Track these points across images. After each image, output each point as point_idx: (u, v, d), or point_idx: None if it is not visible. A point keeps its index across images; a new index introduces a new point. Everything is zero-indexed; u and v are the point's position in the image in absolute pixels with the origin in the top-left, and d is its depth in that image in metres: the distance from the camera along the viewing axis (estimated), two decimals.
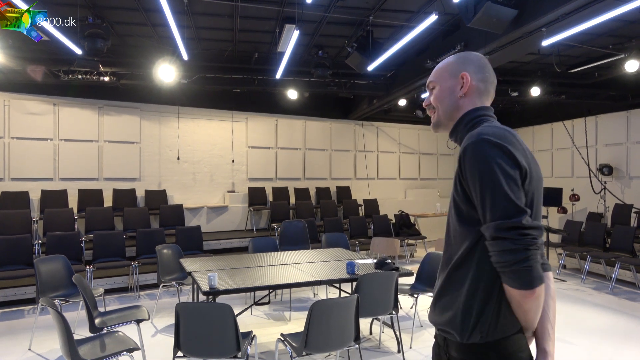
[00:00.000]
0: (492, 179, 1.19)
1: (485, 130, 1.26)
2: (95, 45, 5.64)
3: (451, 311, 1.31)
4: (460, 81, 1.43)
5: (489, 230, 1.19)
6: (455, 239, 1.33)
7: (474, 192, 1.23)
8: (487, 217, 1.20)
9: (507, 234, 1.16)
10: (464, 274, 1.29)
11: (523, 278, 1.16)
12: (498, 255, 1.18)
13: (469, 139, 1.26)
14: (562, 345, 4.40)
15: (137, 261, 6.23)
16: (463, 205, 1.29)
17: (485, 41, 5.47)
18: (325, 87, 8.48)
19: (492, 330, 1.24)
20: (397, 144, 11.51)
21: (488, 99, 1.46)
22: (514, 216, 1.16)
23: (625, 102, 8.91)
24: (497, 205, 1.18)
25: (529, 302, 1.21)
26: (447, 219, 1.40)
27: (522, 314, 1.24)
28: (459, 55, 1.48)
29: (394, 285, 3.92)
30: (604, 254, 7.05)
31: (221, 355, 3.00)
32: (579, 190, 9.66)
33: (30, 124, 7.88)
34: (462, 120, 1.43)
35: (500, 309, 1.24)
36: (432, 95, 1.51)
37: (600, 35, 6.47)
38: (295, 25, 5.67)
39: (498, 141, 1.22)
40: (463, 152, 1.26)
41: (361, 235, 8.45)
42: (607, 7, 4.37)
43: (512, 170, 1.20)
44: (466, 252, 1.28)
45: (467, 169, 1.24)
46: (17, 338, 4.63)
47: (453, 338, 1.30)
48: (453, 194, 1.33)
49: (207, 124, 9.44)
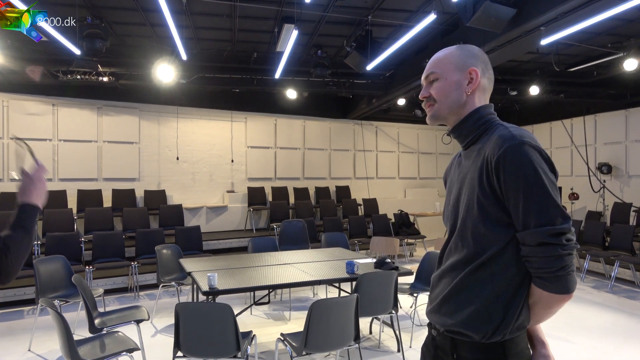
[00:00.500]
0: (539, 184, 1.17)
1: (521, 132, 1.23)
2: (94, 45, 5.64)
3: (467, 312, 1.28)
4: (468, 76, 1.37)
5: (535, 236, 1.17)
6: (475, 241, 1.28)
7: (515, 196, 1.19)
8: (531, 223, 1.18)
9: (555, 240, 1.16)
10: (486, 276, 1.27)
11: (565, 283, 1.18)
12: (543, 261, 1.17)
13: (507, 142, 1.21)
14: (562, 344, 4.40)
15: (136, 261, 6.22)
16: (491, 208, 1.24)
17: (484, 40, 5.48)
18: (324, 86, 8.47)
19: (512, 329, 1.25)
20: (397, 143, 11.52)
21: (488, 96, 1.44)
22: (563, 222, 1.16)
23: (624, 101, 8.92)
24: (544, 211, 1.17)
25: (561, 305, 1.23)
26: (462, 219, 1.32)
27: (546, 315, 1.27)
28: (463, 47, 1.42)
29: (393, 285, 3.92)
30: (603, 253, 7.06)
31: (221, 355, 3.00)
32: (578, 189, 9.66)
33: (29, 124, 7.87)
34: (471, 118, 1.37)
35: (522, 309, 1.26)
36: (434, 88, 1.42)
37: (598, 34, 6.47)
38: (294, 25, 5.66)
39: (538, 145, 1.21)
40: (503, 155, 1.20)
41: (361, 234, 8.45)
42: (605, 6, 4.37)
43: (552, 175, 1.21)
44: (492, 255, 1.25)
45: (508, 173, 1.19)
46: (17, 339, 4.63)
47: (467, 339, 1.29)
48: (477, 196, 1.26)
49: (206, 124, 9.43)
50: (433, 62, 1.44)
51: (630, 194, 8.92)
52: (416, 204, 10.90)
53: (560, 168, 10.44)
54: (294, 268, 4.50)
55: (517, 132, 1.23)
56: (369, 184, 11.01)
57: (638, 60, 6.56)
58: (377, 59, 6.37)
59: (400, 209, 9.69)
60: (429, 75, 1.44)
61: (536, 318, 1.28)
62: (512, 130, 1.24)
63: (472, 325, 1.27)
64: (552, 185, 1.19)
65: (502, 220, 1.24)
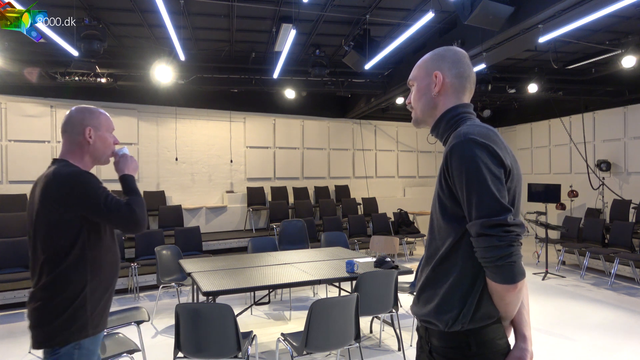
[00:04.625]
0: (479, 178, 1.23)
1: (470, 129, 1.30)
2: (91, 46, 5.63)
3: (434, 302, 1.35)
4: (434, 80, 1.45)
5: (475, 227, 1.23)
6: (439, 234, 1.37)
7: (460, 190, 1.27)
8: (472, 215, 1.24)
9: (492, 231, 1.20)
10: (449, 267, 1.33)
11: (506, 273, 1.22)
12: (483, 251, 1.23)
13: (455, 139, 1.30)
14: (562, 341, 4.41)
15: (136, 262, 6.22)
16: (448, 201, 1.33)
17: (482, 38, 5.48)
18: (322, 86, 8.47)
19: (473, 319, 1.29)
20: (395, 142, 11.52)
21: (465, 94, 1.47)
22: (499, 214, 1.21)
23: (622, 98, 8.92)
24: (483, 203, 1.22)
25: (511, 296, 1.27)
26: (431, 215, 1.44)
27: (503, 306, 1.30)
28: (436, 52, 1.50)
29: (393, 284, 3.93)
30: (603, 250, 7.07)
31: (222, 356, 3.00)
32: (577, 186, 9.68)
33: (27, 126, 7.86)
34: (443, 119, 1.45)
35: (482, 300, 1.30)
36: (411, 94, 1.55)
37: (596, 32, 6.48)
38: (292, 25, 5.66)
39: (484, 141, 1.26)
40: (450, 151, 1.29)
41: (360, 233, 8.45)
42: (603, 3, 4.37)
43: (497, 169, 1.25)
44: (450, 247, 1.32)
45: (454, 168, 1.27)
46: (18, 341, 4.62)
47: (435, 327, 1.36)
48: (437, 191, 1.37)
49: (204, 125, 9.43)
50: (413, 70, 1.55)
51: (629, 190, 8.93)
52: (415, 203, 10.90)
53: (559, 165, 10.50)
54: (294, 268, 4.50)
55: (467, 130, 1.30)
56: (368, 183, 11.01)
57: (636, 57, 6.56)
58: (375, 58, 6.37)
59: (399, 207, 9.70)
60: (409, 82, 1.57)
61: (499, 310, 1.31)
62: (464, 128, 1.32)
63: (436, 315, 1.34)
64: (494, 179, 1.23)
65: (457, 213, 1.31)
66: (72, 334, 1.72)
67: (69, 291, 1.72)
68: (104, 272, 1.82)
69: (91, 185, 1.78)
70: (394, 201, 10.69)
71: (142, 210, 1.85)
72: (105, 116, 2.00)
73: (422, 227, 9.69)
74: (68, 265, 1.72)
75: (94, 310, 1.78)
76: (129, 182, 1.97)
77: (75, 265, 1.73)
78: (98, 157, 1.97)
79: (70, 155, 1.90)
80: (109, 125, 2.00)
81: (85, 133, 1.90)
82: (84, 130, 1.90)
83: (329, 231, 6.96)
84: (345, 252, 5.41)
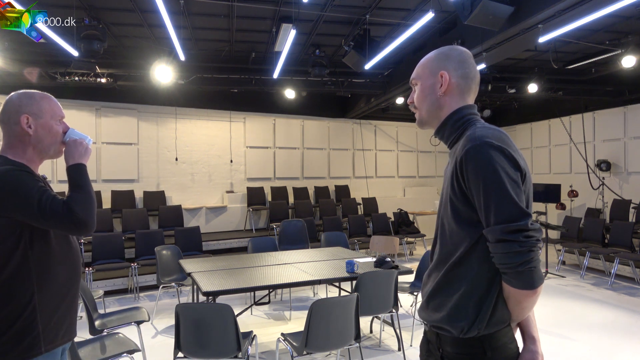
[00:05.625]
0: (497, 183, 1.20)
1: (484, 132, 1.26)
2: (91, 46, 5.63)
3: (447, 308, 1.32)
4: (440, 80, 1.41)
5: (494, 233, 1.20)
6: (452, 238, 1.33)
7: (477, 195, 1.23)
8: (491, 220, 1.21)
9: (512, 237, 1.18)
10: (462, 272, 1.30)
11: (527, 279, 1.20)
12: (504, 257, 1.20)
13: (470, 142, 1.26)
14: (563, 341, 4.41)
15: (136, 262, 6.22)
16: (461, 206, 1.29)
17: (482, 38, 5.48)
18: (322, 86, 8.47)
19: (489, 324, 1.27)
20: (395, 142, 11.52)
21: (470, 95, 1.44)
22: (520, 219, 1.19)
23: (622, 98, 8.92)
24: (502, 208, 1.19)
25: (529, 301, 1.25)
26: (440, 218, 1.40)
27: (518, 311, 1.28)
28: (440, 51, 1.46)
29: (393, 284, 3.93)
30: (603, 250, 7.07)
31: (222, 356, 3.00)
32: (577, 186, 9.67)
33: None
34: (449, 120, 1.41)
35: (497, 305, 1.28)
36: (414, 94, 1.50)
37: (596, 31, 6.48)
38: (292, 25, 5.66)
39: (500, 144, 1.23)
40: (464, 155, 1.25)
41: (360, 233, 8.45)
42: (603, 3, 4.37)
43: (514, 173, 1.22)
44: (464, 252, 1.29)
45: (470, 172, 1.24)
46: None
47: (448, 334, 1.33)
48: (449, 195, 1.32)
49: (204, 125, 9.43)
50: (416, 68, 1.51)
51: (630, 190, 8.93)
52: (415, 203, 10.90)
53: (559, 165, 10.50)
54: (294, 268, 4.50)
55: (481, 133, 1.26)
56: (368, 183, 11.01)
57: (636, 57, 6.56)
58: (375, 58, 6.37)
59: (399, 207, 9.69)
60: (412, 82, 1.52)
61: (512, 314, 1.30)
62: (478, 131, 1.28)
63: (450, 321, 1.31)
64: (513, 183, 1.21)
65: (471, 218, 1.28)
66: (20, 353, 1.51)
67: (12, 305, 1.50)
68: (56, 280, 1.59)
69: (23, 184, 1.52)
70: (394, 201, 10.69)
71: (85, 208, 1.55)
72: (48, 101, 1.70)
73: (422, 227, 9.69)
74: (9, 275, 1.50)
75: (48, 324, 1.57)
76: (73, 175, 1.65)
77: (18, 275, 1.51)
78: (44, 149, 1.68)
79: (10, 151, 1.64)
80: (54, 112, 1.69)
81: (22, 122, 1.62)
82: (20, 118, 1.62)
83: (329, 231, 6.96)
84: (345, 252, 5.41)
